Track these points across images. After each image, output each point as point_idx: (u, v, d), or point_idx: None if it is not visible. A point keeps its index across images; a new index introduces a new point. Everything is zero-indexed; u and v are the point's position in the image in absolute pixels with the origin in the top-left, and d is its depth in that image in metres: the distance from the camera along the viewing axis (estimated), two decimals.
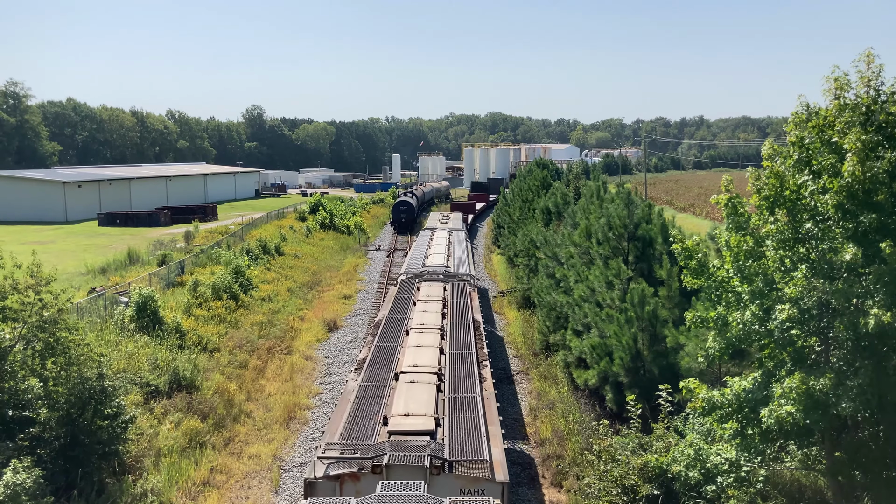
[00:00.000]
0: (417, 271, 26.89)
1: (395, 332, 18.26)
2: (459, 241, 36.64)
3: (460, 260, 30.58)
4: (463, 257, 31.60)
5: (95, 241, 52.96)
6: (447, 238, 36.67)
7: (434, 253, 31.62)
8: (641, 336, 17.61)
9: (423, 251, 32.76)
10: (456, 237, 37.93)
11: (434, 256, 30.54)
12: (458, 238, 37.73)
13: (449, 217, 50.47)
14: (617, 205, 20.96)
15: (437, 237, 37.51)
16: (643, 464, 13.22)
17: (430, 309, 20.35)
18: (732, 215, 10.97)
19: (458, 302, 21.65)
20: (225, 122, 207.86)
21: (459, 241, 36.64)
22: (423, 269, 27.22)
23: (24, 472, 11.99)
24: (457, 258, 30.83)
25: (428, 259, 30.11)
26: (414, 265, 28.62)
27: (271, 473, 17.24)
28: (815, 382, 9.75)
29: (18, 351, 14.27)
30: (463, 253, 32.89)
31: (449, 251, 32.41)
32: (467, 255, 32.75)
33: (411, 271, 27.09)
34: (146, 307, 23.95)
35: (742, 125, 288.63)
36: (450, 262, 29.15)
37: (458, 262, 29.64)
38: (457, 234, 39.61)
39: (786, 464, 12.30)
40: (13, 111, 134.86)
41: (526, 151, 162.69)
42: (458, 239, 37.19)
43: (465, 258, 31.36)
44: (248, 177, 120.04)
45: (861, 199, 9.65)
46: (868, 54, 9.95)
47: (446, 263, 28.51)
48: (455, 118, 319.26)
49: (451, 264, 28.76)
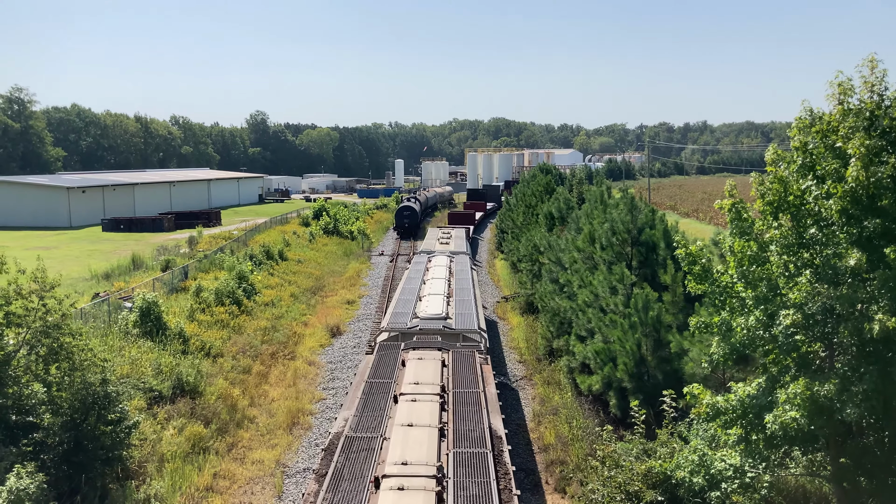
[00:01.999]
0: (405, 328, 19.52)
1: (357, 472, 10.84)
2: (463, 270, 28.66)
3: (465, 304, 22.39)
4: (469, 299, 23.21)
5: (99, 246, 53.08)
6: (447, 267, 28.71)
7: (430, 293, 23.55)
8: (645, 341, 17.58)
9: (416, 288, 24.69)
10: (459, 265, 29.90)
11: (430, 300, 22.45)
12: (462, 266, 29.66)
13: (450, 235, 40.84)
14: (620, 210, 20.96)
15: (435, 266, 29.02)
16: (647, 470, 13.17)
17: (419, 419, 12.52)
18: (736, 220, 10.95)
19: (465, 396, 13.65)
20: (229, 128, 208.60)
21: (463, 270, 28.66)
22: (412, 324, 19.80)
23: (28, 477, 12.00)
24: (461, 301, 22.83)
25: (421, 303, 22.25)
26: (401, 315, 20.91)
27: (274, 479, 17.23)
28: (820, 388, 9.72)
29: (22, 356, 14.29)
30: (469, 291, 24.61)
31: (450, 288, 24.94)
32: (474, 296, 24.17)
33: (396, 327, 19.67)
34: (150, 312, 23.99)
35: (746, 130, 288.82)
36: (451, 310, 21.45)
37: (462, 309, 21.64)
38: (459, 260, 31.30)
39: (790, 470, 12.24)
40: (18, 117, 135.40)
41: (529, 156, 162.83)
42: (461, 268, 29.19)
43: (471, 300, 23.09)
44: (252, 182, 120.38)
45: (865, 204, 9.63)
46: (872, 59, 9.94)
47: (445, 312, 20.88)
48: (458, 123, 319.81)
49: (453, 312, 21.03)
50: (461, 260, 31.26)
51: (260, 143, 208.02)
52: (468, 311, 21.31)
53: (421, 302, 22.39)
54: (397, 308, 21.88)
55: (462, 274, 27.66)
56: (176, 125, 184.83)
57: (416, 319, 20.14)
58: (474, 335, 19.00)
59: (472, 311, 21.38)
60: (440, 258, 30.88)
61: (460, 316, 20.55)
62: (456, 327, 19.33)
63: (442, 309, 21.03)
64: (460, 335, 18.82)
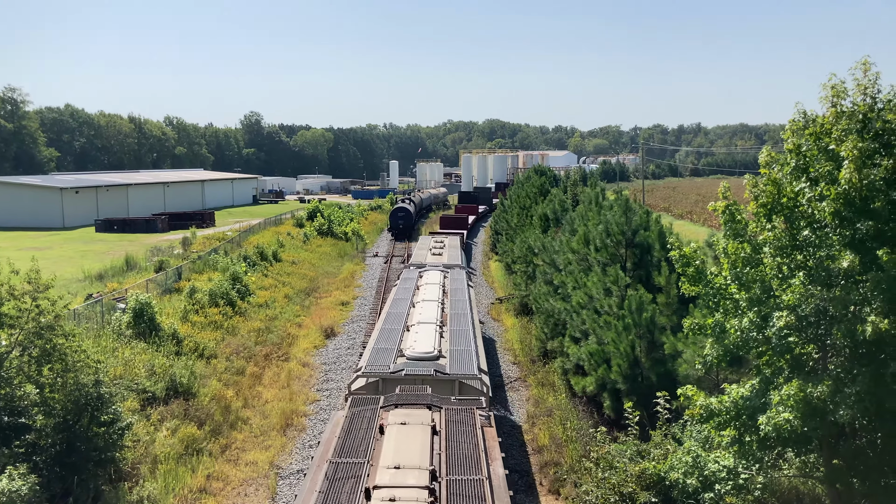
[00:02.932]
0: (387, 372, 15.37)
1: None
2: (459, 289, 24.45)
3: (462, 336, 18.33)
4: (466, 328, 19.12)
5: (93, 247, 52.88)
6: (441, 284, 24.59)
7: (420, 320, 19.28)
8: (639, 343, 17.62)
9: (403, 313, 20.54)
10: (454, 281, 25.76)
11: (419, 331, 18.16)
12: (457, 283, 25.54)
13: (443, 244, 35.98)
14: (615, 212, 21.01)
15: (427, 284, 24.68)
16: (641, 471, 13.20)
17: None
18: (730, 222, 10.99)
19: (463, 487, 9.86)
20: (223, 129, 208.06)
21: (459, 289, 24.45)
22: (396, 366, 15.64)
23: (20, 478, 11.96)
24: (457, 331, 18.82)
25: (409, 336, 18.19)
26: (383, 353, 16.74)
27: (268, 480, 17.19)
28: (813, 390, 9.75)
29: (15, 357, 14.24)
30: (466, 317, 20.37)
31: (443, 313, 20.66)
32: (472, 322, 20.08)
33: (376, 371, 15.47)
34: (143, 313, 23.92)
35: (739, 132, 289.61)
36: (444, 344, 17.56)
37: (458, 343, 17.73)
38: (455, 275, 26.97)
39: (784, 471, 12.27)
40: (11, 117, 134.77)
41: (524, 158, 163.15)
42: (456, 285, 25.08)
43: (468, 330, 19.00)
44: (246, 183, 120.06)
45: (858, 206, 9.67)
46: (865, 62, 9.99)
47: (438, 349, 16.83)
48: (453, 125, 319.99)
49: (447, 348, 17.24)
50: (456, 275, 27.09)
51: (254, 143, 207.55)
52: (465, 345, 17.52)
53: (409, 333, 18.43)
54: (379, 342, 17.77)
55: (458, 293, 23.80)
56: (170, 126, 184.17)
57: (401, 359, 16.21)
58: (473, 382, 15.29)
59: (471, 345, 17.54)
60: (432, 273, 26.80)
61: (456, 355, 16.72)
62: (451, 372, 15.48)
63: (433, 345, 17.02)
64: (456, 382, 15.20)
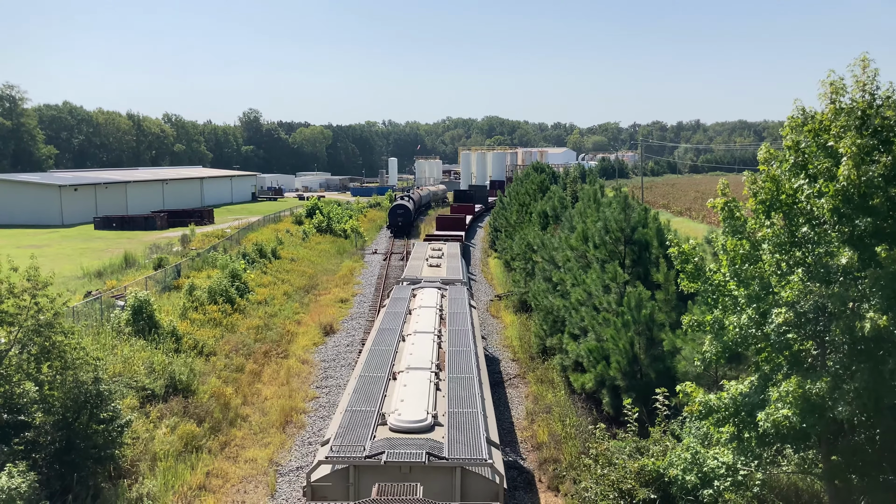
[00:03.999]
0: (359, 456, 10.72)
1: None
2: (460, 313, 19.77)
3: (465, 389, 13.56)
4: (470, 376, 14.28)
5: (92, 244, 52.86)
6: (437, 310, 19.84)
7: (411, 366, 14.53)
8: (638, 340, 17.63)
9: (390, 353, 15.74)
10: (454, 304, 20.89)
11: (408, 387, 13.39)
12: (458, 305, 20.74)
13: (441, 252, 31.10)
14: (614, 208, 21.00)
15: (421, 308, 19.96)
16: (640, 468, 13.22)
17: None
18: (729, 219, 10.99)
19: None
20: (221, 126, 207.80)
21: (460, 313, 19.77)
22: (375, 446, 11.00)
23: (20, 476, 11.96)
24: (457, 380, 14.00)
25: (394, 390, 13.39)
26: (358, 423, 11.94)
27: (267, 478, 17.20)
28: (812, 386, 9.77)
29: (14, 355, 14.24)
30: (469, 360, 15.35)
31: (440, 354, 15.82)
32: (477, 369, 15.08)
33: (345, 455, 10.78)
34: (142, 311, 23.91)
35: (738, 129, 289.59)
36: (441, 404, 12.80)
37: (459, 403, 12.90)
38: (455, 295, 22.10)
39: (782, 467, 12.30)
40: (9, 114, 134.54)
41: (523, 155, 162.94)
42: (456, 308, 20.33)
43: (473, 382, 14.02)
44: (245, 180, 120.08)
45: (857, 202, 9.68)
46: (864, 59, 9.99)
47: (432, 415, 12.14)
48: (452, 122, 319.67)
49: (445, 410, 12.51)
50: (457, 294, 22.33)
51: (253, 141, 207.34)
52: (469, 402, 12.78)
53: (395, 385, 13.64)
54: (355, 401, 12.81)
55: (458, 320, 19.00)
56: (168, 123, 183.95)
57: (383, 430, 11.62)
58: (482, 469, 10.71)
59: (476, 401, 12.84)
60: (428, 293, 21.84)
61: (457, 421, 11.99)
62: (451, 455, 10.75)
63: (426, 406, 12.35)
64: (457, 471, 10.63)
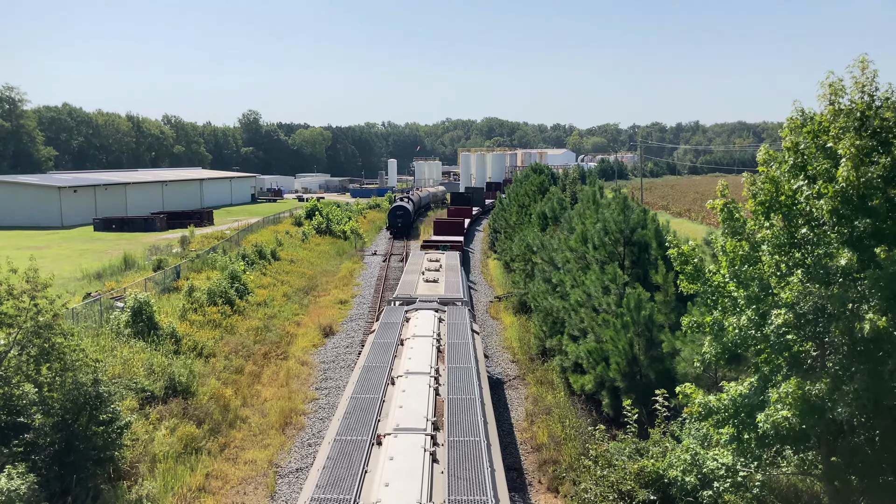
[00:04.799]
0: None
1: None
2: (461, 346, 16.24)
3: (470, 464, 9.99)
4: (477, 443, 10.63)
5: (91, 245, 52.83)
6: (435, 338, 16.69)
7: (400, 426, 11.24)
8: (638, 341, 17.63)
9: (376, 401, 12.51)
10: (454, 331, 17.49)
11: (395, 461, 9.99)
12: (458, 335, 17.18)
13: (439, 264, 28.17)
14: (613, 210, 21.01)
15: (416, 337, 16.68)
16: (640, 469, 13.22)
17: None
18: (728, 220, 11.00)
19: None
20: (221, 127, 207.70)
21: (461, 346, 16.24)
22: None
23: (19, 477, 11.96)
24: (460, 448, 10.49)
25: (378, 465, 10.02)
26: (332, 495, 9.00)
27: (267, 479, 17.19)
28: (811, 387, 9.78)
29: (13, 356, 14.22)
30: (474, 415, 11.87)
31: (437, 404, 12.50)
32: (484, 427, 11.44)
33: None
34: (142, 312, 23.89)
35: (738, 130, 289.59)
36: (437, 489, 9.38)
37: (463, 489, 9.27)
38: (455, 320, 18.71)
39: (782, 469, 12.30)
40: (9, 116, 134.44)
41: (522, 156, 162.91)
42: (456, 338, 16.85)
43: (481, 450, 10.41)
44: (244, 182, 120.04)
45: (856, 204, 9.69)
46: (863, 60, 10.01)
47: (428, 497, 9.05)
48: (451, 123, 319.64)
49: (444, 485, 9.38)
50: (457, 317, 18.99)
51: (252, 142, 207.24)
52: (476, 491, 9.27)
53: (379, 458, 10.29)
54: (323, 484, 9.49)
55: (460, 353, 15.60)
56: (168, 124, 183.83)
57: None
58: None
59: (486, 491, 9.25)
60: (424, 318, 18.58)
61: None
62: None
63: (419, 494, 9.15)
64: None
